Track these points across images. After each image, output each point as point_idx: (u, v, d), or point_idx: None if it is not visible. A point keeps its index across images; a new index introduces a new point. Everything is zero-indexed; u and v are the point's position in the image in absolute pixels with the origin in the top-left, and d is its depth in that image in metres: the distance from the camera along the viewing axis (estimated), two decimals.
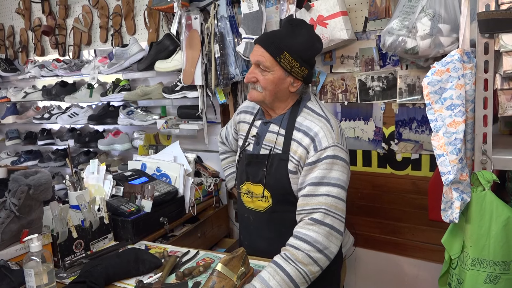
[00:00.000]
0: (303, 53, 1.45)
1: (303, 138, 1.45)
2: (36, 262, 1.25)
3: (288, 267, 1.29)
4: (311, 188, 1.39)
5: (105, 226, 1.76)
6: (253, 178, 1.57)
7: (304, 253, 1.30)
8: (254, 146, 1.59)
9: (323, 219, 1.34)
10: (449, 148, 1.28)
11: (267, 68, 1.45)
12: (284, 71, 1.45)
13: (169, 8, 2.45)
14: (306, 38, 1.46)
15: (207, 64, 2.41)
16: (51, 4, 3.34)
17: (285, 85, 1.48)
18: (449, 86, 1.29)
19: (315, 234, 1.32)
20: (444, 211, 1.36)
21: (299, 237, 1.34)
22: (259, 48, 1.47)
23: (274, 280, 1.26)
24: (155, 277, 1.43)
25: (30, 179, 1.53)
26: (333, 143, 1.40)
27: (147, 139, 2.87)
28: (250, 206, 1.61)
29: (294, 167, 1.46)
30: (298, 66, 1.45)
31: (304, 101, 1.54)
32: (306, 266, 1.30)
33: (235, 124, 1.81)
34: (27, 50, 3.62)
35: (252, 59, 1.49)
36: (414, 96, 2.03)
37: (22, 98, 3.43)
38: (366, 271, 2.32)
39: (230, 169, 1.99)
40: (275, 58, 1.43)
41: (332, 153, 1.39)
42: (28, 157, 3.50)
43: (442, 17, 1.67)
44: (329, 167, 1.38)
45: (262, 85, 1.47)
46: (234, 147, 1.94)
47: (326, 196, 1.36)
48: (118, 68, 2.76)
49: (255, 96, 1.51)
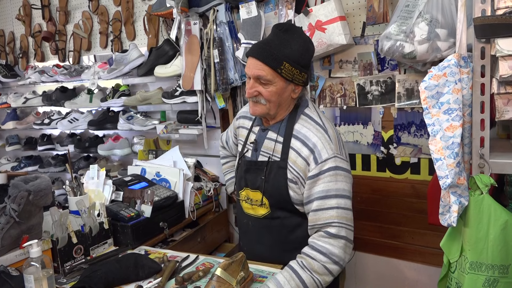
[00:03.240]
0: (301, 59, 1.43)
1: (302, 148, 1.44)
2: (36, 268, 1.25)
3: (304, 274, 1.33)
4: (319, 203, 1.39)
5: (105, 231, 1.76)
6: (251, 184, 1.57)
7: (320, 264, 1.34)
8: (253, 153, 1.59)
9: (338, 233, 1.37)
10: (447, 152, 1.28)
11: (268, 82, 1.42)
12: (286, 81, 1.43)
13: (168, 14, 2.47)
14: (301, 43, 1.43)
15: (206, 69, 2.42)
16: (51, 10, 3.36)
17: (287, 93, 1.47)
18: (446, 91, 1.30)
19: (331, 247, 1.36)
20: (442, 215, 1.36)
21: (315, 248, 1.37)
22: (256, 61, 1.41)
23: (289, 285, 1.31)
24: (154, 282, 1.43)
25: (30, 185, 1.53)
26: (333, 154, 1.40)
27: (146, 144, 2.88)
28: (250, 212, 1.61)
29: (294, 177, 1.45)
30: (299, 73, 1.43)
31: (302, 107, 1.53)
32: (320, 276, 1.34)
33: (235, 129, 1.80)
34: (27, 56, 3.63)
35: (251, 73, 1.44)
36: (412, 100, 2.04)
37: (22, 103, 3.44)
38: (366, 275, 2.32)
39: (231, 173, 1.99)
40: (276, 70, 1.40)
41: (334, 165, 1.39)
42: (28, 162, 3.50)
43: (439, 22, 1.68)
44: (333, 179, 1.39)
45: (265, 98, 1.44)
46: (234, 152, 1.94)
47: (337, 209, 1.38)
48: (118, 73, 2.77)
49: (260, 110, 1.48)
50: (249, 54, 1.46)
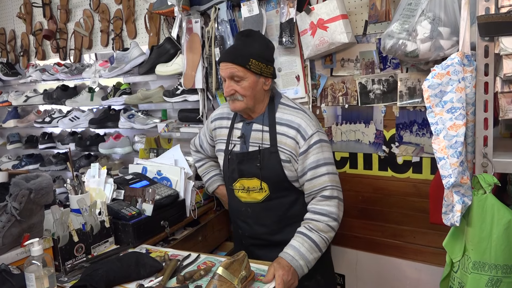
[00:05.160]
0: (265, 54, 1.68)
1: (288, 131, 1.66)
2: (37, 266, 1.25)
3: (313, 235, 1.56)
4: (312, 172, 1.63)
5: (106, 229, 1.75)
6: (247, 173, 1.73)
7: (324, 223, 1.58)
8: (242, 146, 1.76)
9: (332, 194, 1.62)
10: (450, 151, 1.27)
11: (241, 78, 1.63)
12: (256, 75, 1.65)
13: (169, 12, 2.46)
14: (261, 42, 1.69)
15: (207, 67, 2.42)
16: (52, 9, 3.35)
17: (259, 86, 1.68)
18: (450, 89, 1.29)
19: (328, 207, 1.60)
20: (445, 214, 1.35)
21: (316, 212, 1.61)
22: (227, 64, 1.64)
23: (303, 247, 1.53)
24: (156, 281, 1.43)
25: (31, 183, 1.53)
26: (316, 130, 1.65)
27: (148, 142, 2.88)
28: (247, 199, 1.77)
29: (287, 157, 1.67)
30: (265, 67, 1.66)
31: (277, 98, 1.76)
32: (326, 233, 1.58)
33: (210, 131, 1.96)
34: (28, 54, 3.63)
35: (225, 74, 1.65)
36: (414, 99, 2.04)
37: (23, 102, 3.44)
38: (367, 274, 2.31)
39: (211, 173, 2.09)
40: (245, 67, 1.62)
41: (318, 138, 1.64)
42: (29, 161, 3.51)
43: (442, 20, 1.68)
44: (320, 150, 1.64)
45: (241, 93, 1.65)
46: (210, 153, 2.06)
47: (328, 175, 1.63)
48: (119, 71, 2.77)
49: (239, 106, 1.69)
50: (220, 60, 1.68)
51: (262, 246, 1.79)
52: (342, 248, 2.36)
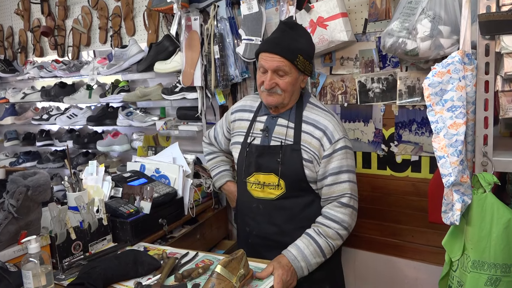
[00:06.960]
0: (310, 51, 1.64)
1: (314, 131, 1.62)
2: (34, 264, 1.24)
3: (320, 240, 1.54)
4: (333, 178, 1.59)
5: (104, 227, 1.75)
6: (265, 168, 1.67)
7: (333, 230, 1.56)
8: (263, 139, 1.70)
9: (348, 202, 1.59)
10: (450, 150, 1.27)
11: (285, 73, 1.58)
12: (299, 71, 1.61)
13: (168, 9, 2.45)
14: (308, 38, 1.64)
15: (206, 65, 2.41)
16: (50, 5, 3.34)
17: (299, 82, 1.65)
18: (450, 88, 1.29)
19: (342, 215, 1.58)
20: (445, 213, 1.35)
21: (328, 217, 1.58)
22: (274, 56, 1.56)
23: (308, 250, 1.52)
24: (154, 279, 1.43)
25: (28, 180, 1.52)
26: (343, 135, 1.61)
27: (146, 140, 2.87)
28: (260, 195, 1.70)
29: (309, 157, 1.61)
30: (308, 64, 1.63)
31: (307, 96, 1.72)
32: (334, 241, 1.56)
33: (228, 123, 1.90)
34: (26, 51, 3.61)
35: (269, 66, 1.58)
36: (414, 98, 2.03)
37: (21, 99, 3.43)
38: (366, 273, 2.31)
39: (220, 167, 2.04)
40: (293, 62, 1.56)
41: (344, 144, 1.60)
42: (27, 158, 3.49)
43: (442, 19, 1.67)
44: (344, 156, 1.60)
45: (282, 88, 1.60)
46: (224, 147, 2.01)
47: (349, 182, 1.59)
48: (117, 69, 2.76)
49: (276, 100, 1.63)
50: (264, 50, 1.60)
51: (269, 247, 1.69)
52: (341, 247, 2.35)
